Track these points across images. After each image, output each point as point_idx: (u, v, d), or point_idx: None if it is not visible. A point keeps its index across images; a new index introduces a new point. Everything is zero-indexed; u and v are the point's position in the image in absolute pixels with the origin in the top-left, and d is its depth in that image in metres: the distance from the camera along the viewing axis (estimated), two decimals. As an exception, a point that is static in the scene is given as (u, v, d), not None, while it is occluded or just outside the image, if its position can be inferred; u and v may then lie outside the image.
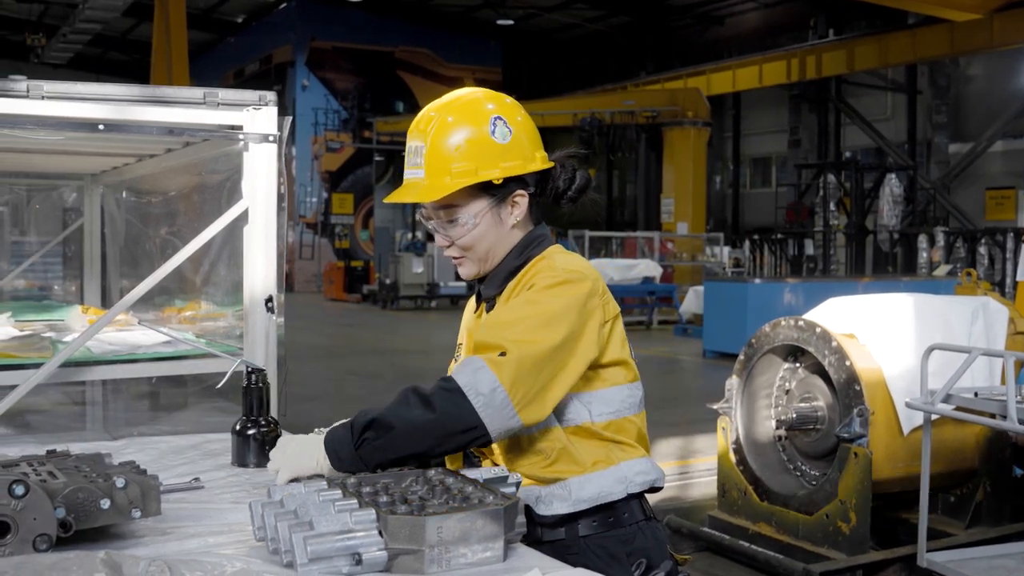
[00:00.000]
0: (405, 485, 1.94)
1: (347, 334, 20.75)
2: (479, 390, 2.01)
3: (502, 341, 2.06)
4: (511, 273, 2.28)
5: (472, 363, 2.05)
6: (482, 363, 2.03)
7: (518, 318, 2.11)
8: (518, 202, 2.27)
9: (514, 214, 2.27)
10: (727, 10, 30.65)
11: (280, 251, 3.22)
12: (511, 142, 2.23)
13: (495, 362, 2.03)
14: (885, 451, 5.22)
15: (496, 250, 2.29)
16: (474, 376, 2.02)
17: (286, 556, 1.74)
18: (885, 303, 5.70)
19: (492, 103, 2.28)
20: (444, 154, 2.20)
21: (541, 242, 2.31)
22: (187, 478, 2.36)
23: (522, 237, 2.30)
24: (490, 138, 2.21)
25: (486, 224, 2.26)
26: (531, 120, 2.32)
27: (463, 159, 2.19)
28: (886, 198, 21.25)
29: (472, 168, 2.19)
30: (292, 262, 33.62)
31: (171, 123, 3.11)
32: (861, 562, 5.04)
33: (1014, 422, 4.33)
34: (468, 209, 2.24)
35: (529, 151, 2.26)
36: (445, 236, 2.29)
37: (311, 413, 10.50)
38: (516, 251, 2.29)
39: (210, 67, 37.32)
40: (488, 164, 2.20)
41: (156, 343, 3.40)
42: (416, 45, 36.27)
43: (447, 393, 2.03)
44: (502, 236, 2.28)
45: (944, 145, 24.81)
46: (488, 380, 2.01)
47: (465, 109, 2.26)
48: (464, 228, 2.25)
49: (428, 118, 2.25)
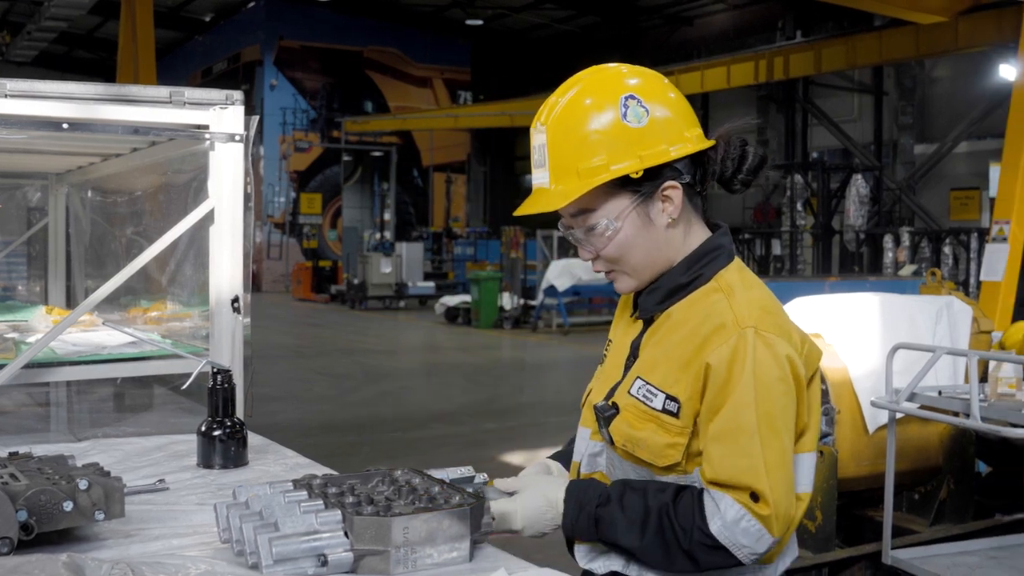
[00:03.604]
0: (371, 486, 1.94)
1: (315, 334, 20.67)
2: (744, 543, 1.75)
3: (747, 479, 1.74)
4: (675, 290, 1.90)
5: (731, 510, 1.75)
6: (741, 511, 1.74)
7: (748, 436, 1.75)
8: (670, 196, 1.86)
9: (667, 211, 1.87)
10: (696, 11, 30.74)
11: (247, 251, 3.20)
12: (649, 124, 1.83)
13: (755, 512, 1.74)
14: (851, 450, 5.26)
15: (654, 258, 1.90)
16: (736, 529, 1.75)
17: (251, 557, 1.73)
18: (851, 303, 5.74)
19: (621, 80, 1.88)
20: (568, 150, 1.84)
21: (716, 258, 1.90)
22: (152, 480, 2.35)
23: (695, 248, 1.91)
24: (621, 123, 1.82)
25: (632, 227, 1.87)
26: (679, 94, 1.91)
27: (591, 153, 1.82)
28: (852, 198, 21.39)
29: (604, 163, 1.82)
30: (260, 262, 33.46)
31: (137, 122, 3.09)
32: (827, 560, 5.08)
33: (977, 420, 4.37)
34: (605, 212, 1.86)
35: (676, 132, 1.86)
36: (588, 247, 1.92)
37: (279, 413, 10.47)
38: (684, 265, 1.90)
39: (178, 66, 37.07)
40: (622, 155, 1.82)
41: (121, 344, 3.38)
42: (385, 45, 36.16)
43: (711, 551, 1.77)
44: (657, 240, 1.89)
45: (910, 146, 24.99)
46: (754, 532, 1.75)
47: (588, 91, 1.87)
48: (605, 236, 1.87)
49: (549, 105, 1.88)
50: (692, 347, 1.83)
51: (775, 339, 1.80)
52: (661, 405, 1.84)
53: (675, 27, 31.44)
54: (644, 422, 1.85)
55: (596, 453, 1.99)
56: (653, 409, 1.84)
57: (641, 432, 1.86)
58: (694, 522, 1.77)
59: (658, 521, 1.79)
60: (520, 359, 17.40)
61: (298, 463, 2.68)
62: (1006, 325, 8.49)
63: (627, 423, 1.88)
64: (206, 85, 3.28)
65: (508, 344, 19.05)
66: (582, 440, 2.04)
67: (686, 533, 1.77)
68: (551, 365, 16.16)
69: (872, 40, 19.63)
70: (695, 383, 1.81)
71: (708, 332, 1.82)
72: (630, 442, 1.87)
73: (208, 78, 36.86)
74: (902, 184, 24.29)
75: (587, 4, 31.08)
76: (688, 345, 1.84)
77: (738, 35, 28.93)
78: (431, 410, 11.50)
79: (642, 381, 1.88)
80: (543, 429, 10.18)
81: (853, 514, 5.62)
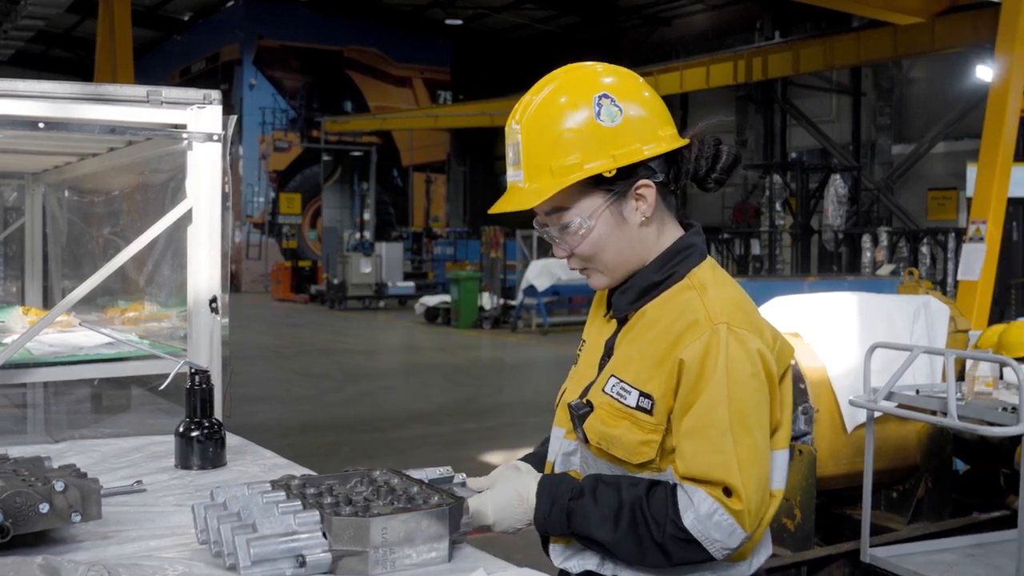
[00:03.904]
0: (350, 486, 1.93)
1: (294, 334, 20.62)
2: (716, 537, 1.76)
3: (720, 475, 1.75)
4: (648, 289, 1.91)
5: (704, 504, 1.76)
6: (714, 505, 1.75)
7: (720, 431, 1.76)
8: (643, 195, 1.87)
9: (640, 210, 1.88)
10: (675, 11, 30.81)
11: (225, 251, 3.18)
12: (623, 123, 1.83)
13: (728, 506, 1.75)
14: (829, 448, 5.28)
15: (627, 256, 1.91)
16: (709, 523, 1.76)
17: (229, 559, 1.73)
18: (829, 302, 5.77)
19: (595, 79, 1.88)
20: (542, 148, 1.84)
21: (688, 256, 1.92)
22: (129, 481, 2.34)
23: (668, 247, 1.92)
24: (595, 122, 1.82)
25: (605, 226, 1.87)
26: (654, 93, 1.92)
27: (565, 152, 1.82)
28: (831, 198, 21.48)
29: (577, 162, 1.82)
30: (239, 262, 33.35)
31: (113, 121, 3.07)
32: (806, 558, 5.09)
33: (954, 419, 4.39)
34: (579, 210, 1.87)
35: (650, 131, 1.86)
36: (562, 245, 1.93)
37: (258, 414, 10.44)
38: (657, 263, 1.91)
39: (156, 65, 36.89)
40: (595, 154, 1.82)
41: (98, 344, 3.36)
42: (365, 44, 36.10)
43: (684, 545, 1.78)
44: (630, 238, 1.89)
45: (887, 146, 25.11)
46: (726, 526, 1.75)
47: (563, 90, 1.87)
48: (579, 235, 1.88)
49: (524, 104, 1.88)
50: (665, 344, 1.84)
51: (747, 335, 1.81)
52: (635, 402, 1.85)
53: (654, 27, 31.51)
54: (618, 419, 1.86)
55: (570, 452, 1.99)
56: (627, 406, 1.85)
57: (615, 430, 1.86)
58: (667, 515, 1.78)
59: (631, 514, 1.80)
60: (499, 359, 17.41)
61: (276, 464, 2.67)
62: (983, 324, 8.55)
63: (601, 421, 1.88)
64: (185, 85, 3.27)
65: (488, 344, 19.05)
66: (556, 440, 2.04)
67: (659, 526, 1.78)
68: (530, 365, 16.17)
69: (850, 41, 19.73)
70: (669, 380, 1.82)
71: (681, 329, 1.83)
72: (604, 440, 1.88)
73: (187, 77, 36.72)
74: (880, 184, 24.40)
75: (567, 4, 31.11)
76: (661, 342, 1.85)
77: (717, 35, 29.02)
78: (410, 410, 11.49)
79: (616, 379, 1.89)
80: (522, 429, 10.18)
81: (832, 513, 5.64)
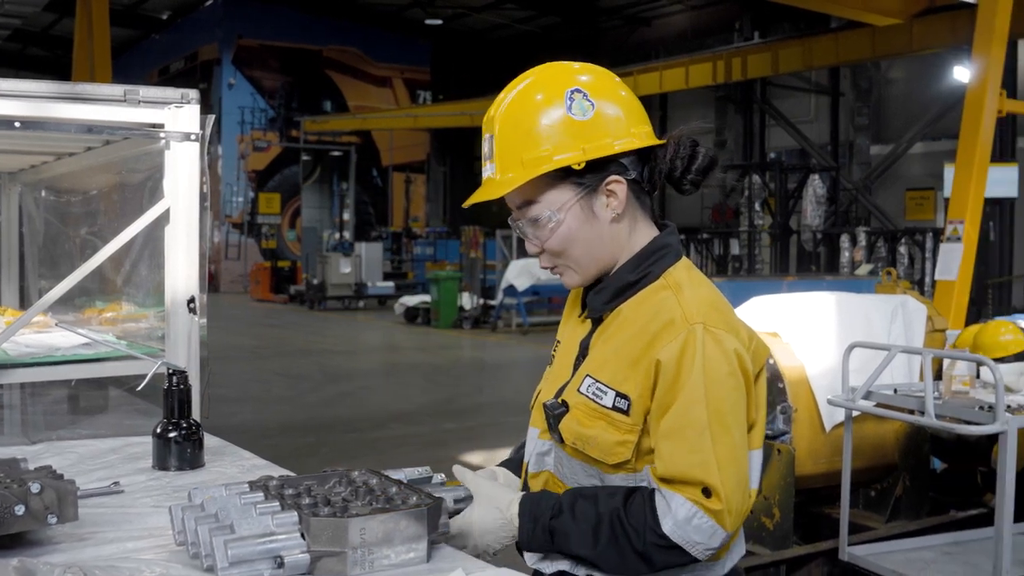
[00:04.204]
0: (328, 487, 1.93)
1: (273, 335, 20.56)
2: (697, 540, 1.76)
3: (698, 474, 1.75)
4: (623, 288, 1.91)
5: (681, 509, 1.76)
6: (692, 509, 1.75)
7: (698, 431, 1.76)
8: (614, 190, 1.87)
9: (611, 206, 1.87)
10: (654, 12, 30.87)
11: (203, 251, 3.17)
12: (595, 118, 1.84)
13: (707, 507, 1.75)
14: (808, 448, 5.30)
15: (597, 253, 1.90)
16: (689, 527, 1.75)
17: (206, 560, 1.72)
18: (807, 302, 5.79)
19: (570, 75, 1.89)
20: (514, 140, 1.85)
21: (663, 256, 1.91)
22: (106, 482, 2.33)
23: (643, 247, 1.92)
24: (567, 115, 1.83)
25: (574, 220, 1.87)
26: (631, 93, 1.93)
27: (535, 145, 1.83)
28: (809, 198, 21.57)
29: (547, 153, 1.83)
30: (218, 262, 33.24)
31: (90, 121, 3.05)
32: (785, 557, 5.12)
33: (932, 418, 4.42)
34: (548, 203, 1.86)
35: (623, 127, 1.86)
36: (534, 240, 1.92)
37: (236, 415, 10.40)
38: (632, 263, 1.91)
39: (135, 65, 36.71)
40: (566, 147, 1.83)
41: (75, 345, 3.34)
42: (344, 44, 36.02)
43: (665, 551, 1.78)
44: (600, 234, 1.89)
45: (866, 147, 25.23)
46: (707, 528, 1.75)
47: (536, 86, 1.89)
48: (548, 228, 1.88)
49: (497, 102, 1.91)
50: (641, 344, 1.83)
51: (723, 335, 1.81)
52: (611, 403, 1.85)
53: (634, 28, 31.56)
54: (594, 420, 1.86)
55: (544, 452, 1.99)
56: (603, 407, 1.85)
57: (591, 430, 1.86)
58: (646, 523, 1.78)
59: (610, 526, 1.80)
60: (479, 359, 17.40)
61: (255, 464, 2.66)
62: (960, 324, 8.61)
63: (577, 421, 1.88)
64: (163, 84, 3.25)
65: (467, 344, 19.03)
66: (531, 440, 2.04)
67: (639, 535, 1.78)
68: (510, 365, 16.17)
69: (828, 41, 19.81)
70: (645, 380, 1.82)
71: (657, 329, 1.82)
72: (580, 440, 1.88)
73: (165, 77, 36.55)
74: (858, 184, 24.52)
75: (547, 4, 31.12)
76: (637, 343, 1.84)
77: (696, 36, 29.08)
78: (390, 410, 11.48)
79: (592, 379, 1.89)
80: (502, 429, 10.18)
81: (810, 511, 5.67)
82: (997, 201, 15.26)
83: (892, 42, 17.75)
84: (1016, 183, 13.45)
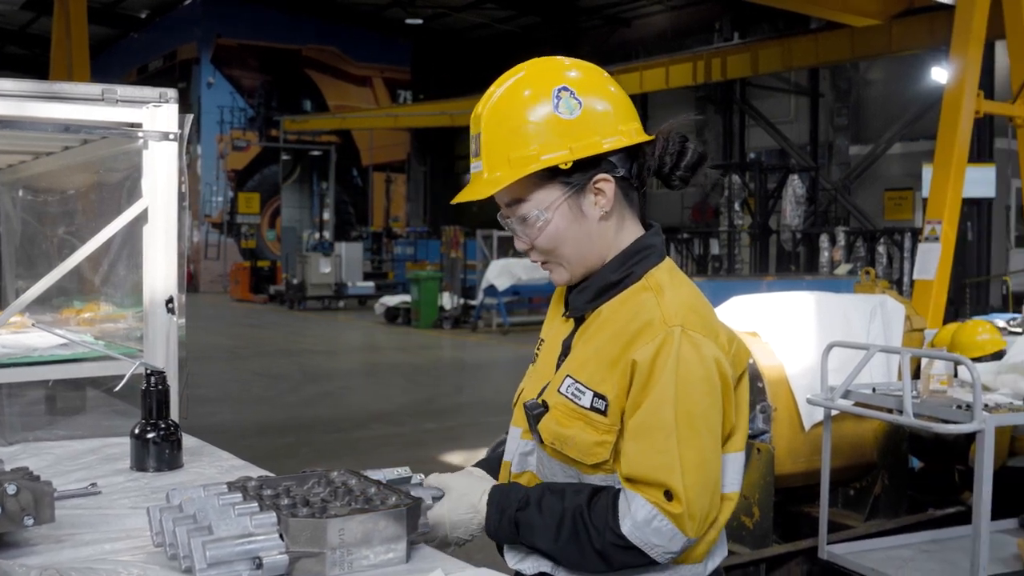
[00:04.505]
0: (307, 487, 1.92)
1: (253, 335, 20.50)
2: (656, 542, 1.76)
3: (661, 476, 1.75)
4: (606, 288, 1.91)
5: (641, 510, 1.76)
6: (652, 511, 1.75)
7: (665, 433, 1.76)
8: (602, 189, 1.87)
9: (599, 204, 1.87)
10: (634, 12, 30.92)
11: (182, 251, 3.16)
12: (582, 116, 1.83)
13: (667, 511, 1.75)
14: (787, 447, 5.32)
15: (586, 251, 1.90)
16: (647, 529, 1.76)
17: (185, 561, 1.71)
18: (787, 301, 5.81)
19: (558, 72, 1.88)
20: (500, 140, 1.85)
21: (647, 256, 1.91)
22: (84, 483, 2.32)
23: (626, 247, 1.92)
24: (554, 114, 1.83)
25: (563, 219, 1.87)
26: (620, 89, 1.92)
27: (524, 142, 1.83)
28: (789, 198, 21.65)
29: (535, 152, 1.82)
30: (197, 262, 33.12)
31: (68, 120, 3.03)
32: (765, 556, 5.13)
33: (910, 416, 4.44)
34: (536, 202, 1.86)
35: (611, 125, 1.86)
36: (523, 237, 1.92)
37: (215, 415, 10.37)
38: (615, 263, 1.91)
39: (113, 64, 36.54)
40: (553, 145, 1.82)
41: (53, 345, 3.32)
42: (324, 43, 35.94)
43: (623, 551, 1.78)
44: (589, 233, 1.89)
45: (845, 147, 25.33)
46: (666, 531, 1.76)
47: (523, 83, 1.88)
48: (536, 227, 1.88)
49: (484, 99, 1.90)
50: (620, 345, 1.83)
51: (701, 339, 1.80)
52: (589, 403, 1.84)
53: (614, 28, 31.59)
54: (572, 420, 1.86)
55: (527, 452, 1.98)
56: (581, 407, 1.85)
57: (569, 430, 1.86)
58: (607, 522, 1.78)
59: (572, 523, 1.81)
60: (460, 359, 17.39)
61: (233, 465, 2.65)
62: (938, 323, 8.65)
63: (556, 421, 1.88)
64: (142, 83, 3.24)
65: (448, 344, 19.02)
66: (513, 440, 2.03)
67: (599, 533, 1.79)
68: (491, 365, 16.16)
69: (808, 42, 19.88)
70: (622, 381, 1.81)
71: (636, 330, 1.82)
72: (558, 440, 1.88)
73: (144, 76, 36.39)
74: (837, 184, 24.62)
75: (527, 4, 31.14)
76: (616, 343, 1.84)
77: (676, 36, 29.13)
78: (370, 410, 11.46)
79: (571, 379, 1.88)
80: (482, 429, 10.17)
81: (790, 510, 5.69)
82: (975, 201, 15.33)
83: (871, 43, 17.83)
84: (994, 183, 13.53)
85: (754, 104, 27.19)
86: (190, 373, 3.15)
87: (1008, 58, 10.41)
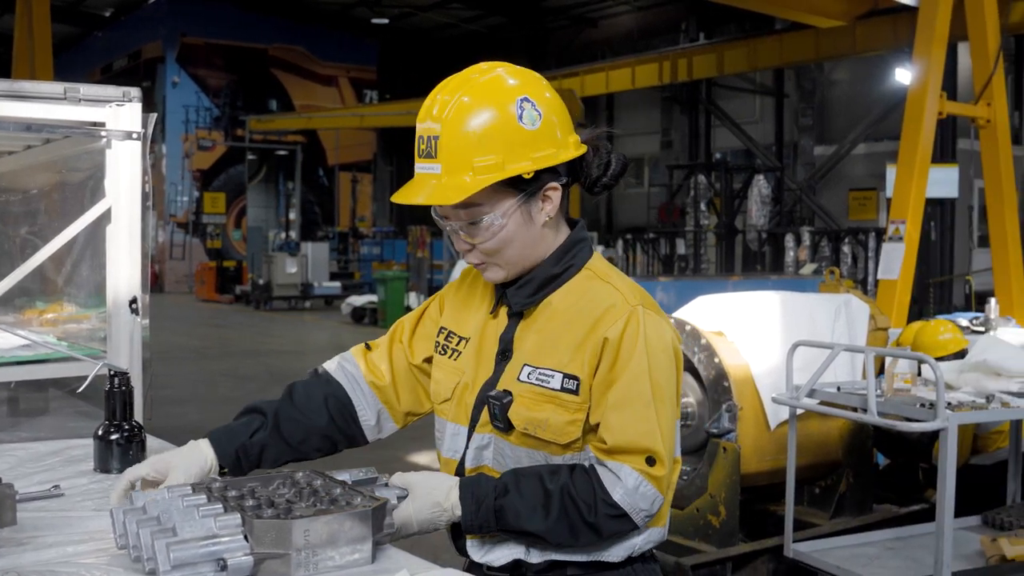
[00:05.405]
0: (272, 488, 1.91)
1: (219, 335, 20.38)
2: (642, 507, 1.89)
3: (646, 443, 1.88)
4: (547, 281, 2.00)
5: (630, 478, 1.87)
6: (638, 478, 1.87)
7: (645, 403, 1.89)
8: (551, 196, 1.96)
9: (546, 210, 1.96)
10: (600, 12, 30.99)
11: (146, 251, 3.13)
12: (541, 127, 1.90)
13: (651, 475, 1.88)
14: (753, 445, 5.35)
15: (527, 252, 1.98)
16: (636, 495, 1.88)
17: (148, 564, 1.70)
18: (752, 301, 5.84)
19: (516, 79, 1.94)
20: (463, 145, 1.87)
21: (582, 249, 2.03)
22: (47, 486, 2.29)
23: (563, 241, 2.01)
24: (517, 124, 1.88)
25: (515, 224, 1.93)
26: (559, 98, 1.99)
27: (487, 151, 1.86)
28: (754, 199, 21.75)
29: (498, 161, 1.86)
30: (162, 262, 32.90)
31: (30, 119, 3.01)
32: (731, 554, 5.15)
33: (874, 415, 4.47)
34: (494, 209, 1.91)
35: (562, 136, 1.94)
36: (465, 240, 1.97)
37: (181, 416, 10.30)
38: (554, 257, 2.00)
39: (77, 62, 36.20)
40: (517, 156, 1.88)
41: (15, 347, 3.28)
42: (290, 43, 35.78)
43: (615, 520, 1.89)
44: (534, 236, 1.97)
45: (810, 147, 25.49)
46: (650, 495, 1.89)
47: (487, 89, 1.91)
48: (489, 231, 1.92)
49: (442, 101, 1.91)
50: (584, 328, 1.94)
51: (658, 318, 1.96)
52: (560, 385, 1.94)
53: (580, 28, 31.65)
54: (541, 404, 1.95)
55: (483, 446, 2.02)
56: (551, 390, 1.94)
57: (541, 413, 1.94)
58: (596, 495, 1.88)
59: (560, 501, 1.88)
60: (428, 359, 17.32)
61: (199, 466, 2.63)
62: (902, 322, 8.72)
63: (525, 407, 1.95)
64: (106, 82, 3.21)
65: (415, 344, 18.94)
66: (458, 436, 2.07)
67: (590, 507, 1.88)
68: (459, 365, 16.12)
69: (773, 43, 20.01)
70: (592, 359, 1.92)
71: (600, 313, 1.94)
72: (531, 424, 1.94)
73: (108, 75, 36.07)
74: (802, 184, 24.77)
75: (494, 4, 31.13)
76: (579, 327, 1.95)
77: (642, 36, 29.24)
78: (338, 411, 11.39)
79: (531, 367, 1.97)
80: (451, 429, 10.14)
81: (756, 509, 5.72)
82: (938, 201, 15.45)
83: (835, 44, 17.97)
84: (956, 184, 13.62)
85: (720, 104, 27.32)
86: (154, 374, 3.13)
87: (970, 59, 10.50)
